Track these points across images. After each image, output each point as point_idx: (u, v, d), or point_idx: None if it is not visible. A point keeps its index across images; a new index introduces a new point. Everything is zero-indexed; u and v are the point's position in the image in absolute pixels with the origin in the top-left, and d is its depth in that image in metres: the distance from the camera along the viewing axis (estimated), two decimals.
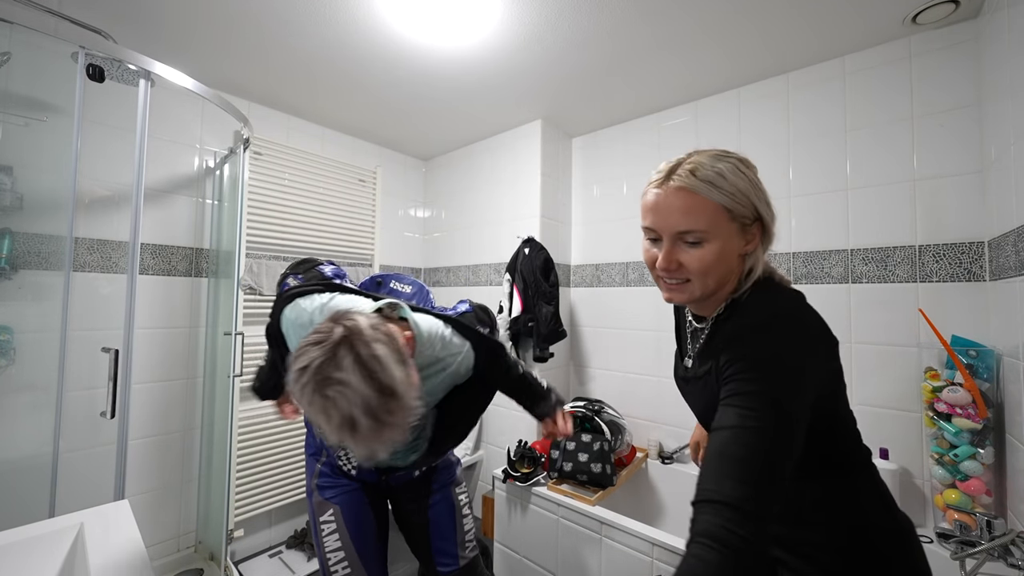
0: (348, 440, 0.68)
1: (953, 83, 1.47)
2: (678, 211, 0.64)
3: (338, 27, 1.56)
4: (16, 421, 1.46)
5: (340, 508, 1.05)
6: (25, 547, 0.76)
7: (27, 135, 1.51)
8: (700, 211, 0.63)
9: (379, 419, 0.67)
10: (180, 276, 1.92)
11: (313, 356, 0.67)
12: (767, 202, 0.68)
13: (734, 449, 0.54)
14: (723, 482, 0.52)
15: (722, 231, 0.64)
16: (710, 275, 0.66)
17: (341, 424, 0.66)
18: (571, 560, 1.63)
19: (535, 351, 2.14)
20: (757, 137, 1.89)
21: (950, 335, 1.39)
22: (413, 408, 0.72)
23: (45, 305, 1.50)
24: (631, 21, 1.51)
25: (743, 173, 0.66)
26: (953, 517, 1.30)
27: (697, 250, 0.65)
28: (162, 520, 1.86)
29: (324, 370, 0.66)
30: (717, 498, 0.52)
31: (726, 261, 0.66)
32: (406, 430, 0.72)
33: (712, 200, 0.63)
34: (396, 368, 0.70)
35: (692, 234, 0.64)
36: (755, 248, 0.67)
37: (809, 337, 0.63)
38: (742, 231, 0.66)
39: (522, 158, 2.37)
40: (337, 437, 0.67)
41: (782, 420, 0.55)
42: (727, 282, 0.69)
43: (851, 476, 0.69)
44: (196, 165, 1.99)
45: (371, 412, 0.66)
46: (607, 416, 1.94)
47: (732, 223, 0.65)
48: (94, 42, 1.32)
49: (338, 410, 0.66)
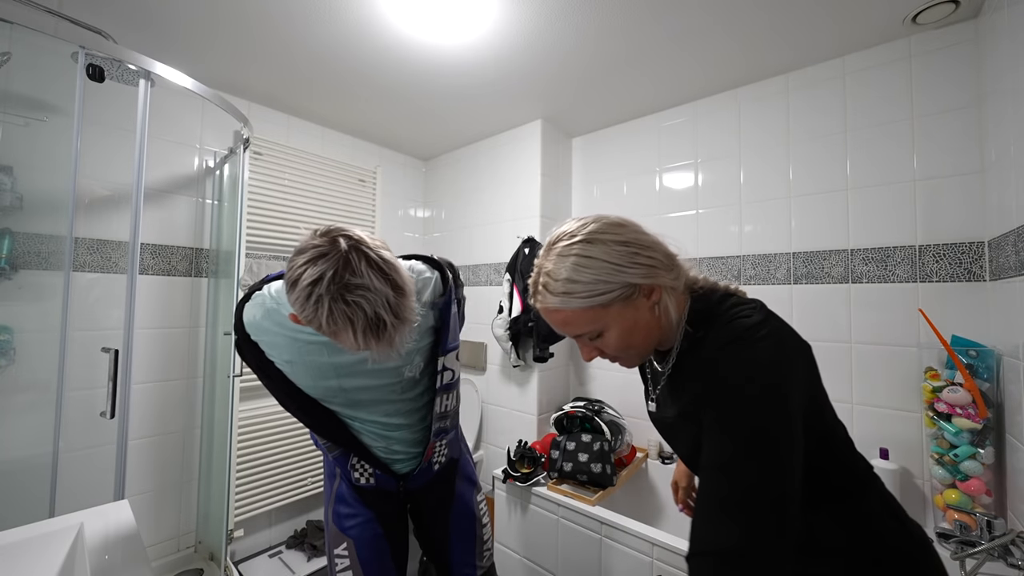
0: (372, 344, 0.69)
1: (953, 83, 1.47)
2: (559, 325, 0.65)
3: (339, 26, 1.56)
4: (16, 421, 1.46)
5: (354, 543, 1.02)
6: (25, 547, 0.76)
7: (27, 135, 1.51)
8: (574, 321, 0.63)
9: (400, 316, 0.70)
10: (180, 276, 1.92)
11: (323, 268, 0.66)
12: (634, 261, 0.61)
13: (724, 490, 0.49)
14: (716, 529, 0.47)
15: (608, 318, 0.62)
16: (632, 347, 0.65)
17: (366, 327, 0.67)
18: (571, 560, 1.63)
19: (535, 351, 2.14)
20: (757, 137, 1.89)
21: (950, 335, 1.39)
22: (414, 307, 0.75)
23: (45, 305, 1.50)
24: (631, 21, 1.51)
25: (589, 261, 0.61)
26: (953, 517, 1.30)
27: (601, 341, 0.65)
28: (162, 520, 1.86)
29: (341, 278, 0.65)
30: (711, 548, 0.47)
31: (638, 330, 0.64)
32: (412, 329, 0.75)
33: (575, 309, 0.62)
34: (401, 268, 0.73)
35: (585, 335, 0.65)
36: (660, 297, 0.63)
37: (785, 349, 0.58)
38: (629, 303, 0.62)
39: (522, 158, 2.37)
40: (362, 342, 0.68)
41: (773, 446, 0.50)
42: (663, 331, 0.66)
43: (857, 497, 0.64)
44: (196, 165, 1.99)
45: (393, 310, 0.69)
46: (607, 416, 1.94)
47: (610, 308, 0.62)
48: (94, 42, 1.32)
49: (363, 313, 0.66)
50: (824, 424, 0.63)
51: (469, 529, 1.14)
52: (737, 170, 1.94)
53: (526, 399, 2.28)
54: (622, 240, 0.62)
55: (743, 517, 0.46)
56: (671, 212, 2.13)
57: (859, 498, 0.64)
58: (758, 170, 1.88)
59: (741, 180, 1.93)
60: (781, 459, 0.50)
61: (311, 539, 2.10)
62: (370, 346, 0.69)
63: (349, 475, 1.05)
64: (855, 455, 0.67)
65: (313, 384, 0.93)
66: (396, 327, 0.70)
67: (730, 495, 0.48)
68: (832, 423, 0.65)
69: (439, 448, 1.10)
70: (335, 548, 1.04)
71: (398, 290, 0.70)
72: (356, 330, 0.67)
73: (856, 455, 0.67)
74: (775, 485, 0.48)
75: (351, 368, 0.92)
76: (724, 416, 0.54)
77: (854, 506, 0.63)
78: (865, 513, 0.63)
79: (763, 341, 0.57)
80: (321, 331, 0.69)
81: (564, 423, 1.98)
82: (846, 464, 0.65)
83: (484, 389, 2.53)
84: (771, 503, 0.47)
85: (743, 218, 1.91)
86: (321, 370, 0.91)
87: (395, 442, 1.03)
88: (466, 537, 1.13)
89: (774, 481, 0.48)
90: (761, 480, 0.48)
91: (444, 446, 1.12)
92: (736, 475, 0.49)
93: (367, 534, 1.04)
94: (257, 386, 2.06)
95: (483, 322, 2.47)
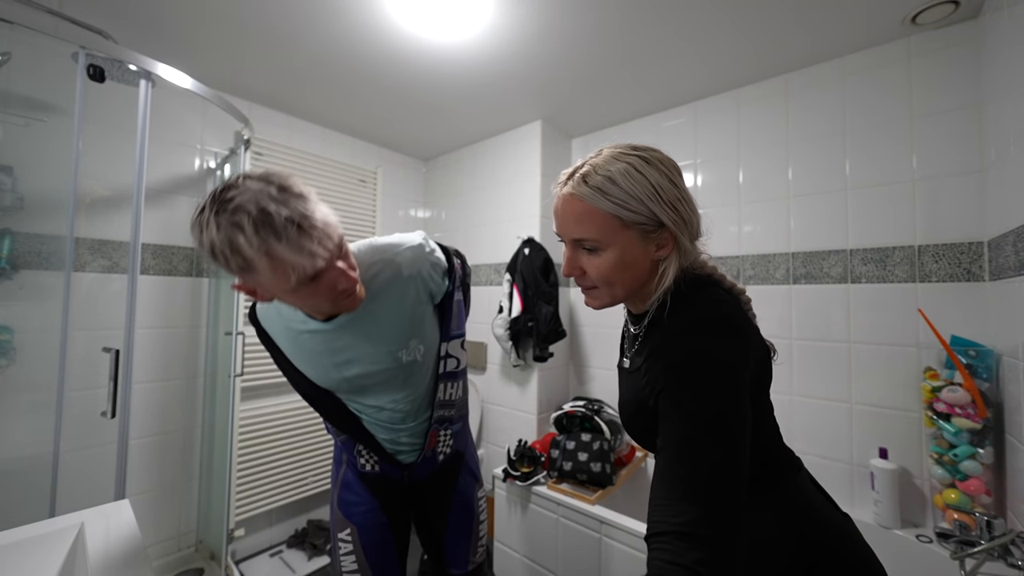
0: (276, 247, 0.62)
1: (952, 83, 1.47)
2: (571, 218, 0.63)
3: (340, 26, 1.56)
4: (16, 421, 1.46)
5: (358, 529, 1.04)
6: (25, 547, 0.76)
7: (27, 135, 1.51)
8: (589, 220, 0.61)
9: (296, 209, 0.64)
10: (181, 276, 1.92)
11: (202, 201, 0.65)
12: (675, 204, 0.61)
13: (677, 469, 0.49)
14: (670, 509, 0.47)
15: (617, 239, 0.61)
16: (615, 284, 0.64)
17: (256, 226, 0.61)
18: (571, 560, 1.64)
19: (535, 351, 2.14)
20: (756, 137, 1.89)
21: (949, 335, 1.40)
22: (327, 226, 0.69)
23: (45, 305, 1.50)
24: (631, 21, 1.51)
25: (640, 175, 0.59)
26: (953, 517, 1.30)
27: (595, 258, 0.63)
28: (162, 520, 1.86)
29: (217, 195, 0.64)
30: (664, 528, 0.46)
31: (631, 269, 0.63)
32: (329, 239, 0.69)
33: (599, 209, 0.60)
34: (298, 182, 0.68)
35: (586, 242, 0.63)
36: (669, 254, 0.62)
37: (738, 332, 0.58)
38: (643, 238, 0.61)
39: (522, 158, 2.37)
40: (260, 246, 0.62)
41: (727, 426, 0.50)
42: (644, 286, 0.65)
43: (777, 487, 0.64)
44: (197, 165, 1.99)
45: (284, 202, 0.63)
46: (607, 415, 1.94)
47: (627, 230, 0.61)
48: (94, 42, 1.32)
49: (247, 213, 0.61)
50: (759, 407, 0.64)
51: (467, 524, 1.15)
52: (736, 170, 1.94)
53: (526, 399, 2.28)
54: (674, 181, 0.62)
55: (701, 495, 0.47)
56: None
57: (778, 488, 0.64)
58: (757, 170, 1.88)
59: (740, 180, 1.93)
60: (735, 438, 0.50)
61: (312, 538, 2.10)
62: (275, 251, 0.63)
63: (355, 461, 1.06)
64: (772, 450, 0.67)
65: (316, 373, 0.94)
66: (295, 221, 0.63)
67: (686, 473, 0.48)
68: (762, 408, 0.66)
69: (444, 438, 1.09)
70: (339, 532, 1.06)
71: (285, 189, 0.65)
72: (247, 234, 0.61)
73: (781, 446, 0.68)
74: (730, 463, 0.49)
75: (345, 355, 0.90)
76: (680, 397, 0.54)
77: (776, 495, 0.64)
78: (783, 502, 0.64)
79: (724, 326, 0.57)
80: (228, 265, 0.65)
81: (564, 422, 1.99)
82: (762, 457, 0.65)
83: (484, 389, 2.53)
84: (726, 481, 0.48)
85: (742, 218, 1.91)
86: (318, 358, 0.91)
87: (403, 433, 1.03)
88: (463, 532, 1.14)
89: (729, 459, 0.49)
90: (717, 458, 0.49)
91: (449, 437, 1.11)
92: (692, 454, 0.49)
93: (371, 521, 1.05)
94: (257, 386, 2.07)
95: (483, 322, 2.47)
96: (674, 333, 0.59)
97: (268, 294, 0.74)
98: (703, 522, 0.45)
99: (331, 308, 0.82)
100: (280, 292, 0.73)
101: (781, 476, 0.65)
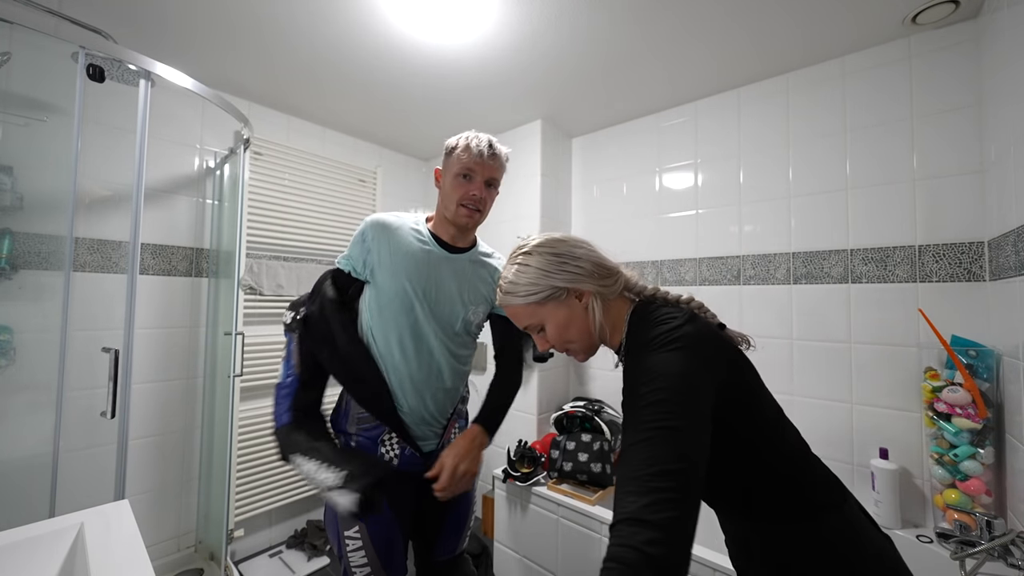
0: (485, 146, 1.04)
1: (953, 83, 1.47)
2: (512, 318, 0.82)
3: (339, 26, 1.56)
4: (16, 421, 1.46)
5: (367, 527, 1.05)
6: (25, 547, 0.76)
7: (27, 135, 1.51)
8: (518, 314, 0.80)
9: (499, 152, 1.09)
10: (180, 276, 1.92)
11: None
12: (561, 268, 0.75)
13: (627, 470, 0.54)
14: (621, 502, 0.52)
15: (545, 314, 0.77)
16: (573, 341, 0.79)
17: (486, 141, 1.06)
18: (571, 560, 1.63)
19: (535, 351, 2.14)
20: (756, 137, 1.89)
21: (950, 335, 1.39)
22: (501, 167, 1.12)
23: (45, 305, 1.50)
24: (631, 21, 1.51)
25: (526, 267, 0.77)
26: (953, 517, 1.30)
27: (545, 334, 0.80)
28: (162, 520, 1.86)
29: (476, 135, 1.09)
30: (617, 519, 0.51)
31: (573, 326, 0.77)
32: (498, 171, 1.11)
33: (518, 305, 0.78)
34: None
35: (530, 328, 0.80)
36: (588, 301, 0.76)
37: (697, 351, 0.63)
38: (560, 302, 0.76)
39: (522, 158, 2.37)
40: (482, 142, 1.05)
41: (667, 422, 0.55)
42: (599, 329, 0.77)
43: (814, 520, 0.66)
44: (196, 165, 1.99)
45: (496, 146, 1.09)
46: (607, 416, 1.94)
47: (545, 305, 0.76)
48: (94, 42, 1.32)
49: (484, 136, 1.08)
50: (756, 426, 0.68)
51: (465, 518, 1.21)
52: (737, 170, 1.94)
53: (526, 399, 2.28)
54: (554, 252, 0.77)
55: (646, 486, 0.52)
56: (671, 212, 2.13)
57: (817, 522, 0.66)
58: (758, 170, 1.88)
59: (741, 180, 1.93)
60: (675, 429, 0.56)
61: (311, 539, 2.10)
62: (483, 147, 1.03)
63: (375, 452, 1.08)
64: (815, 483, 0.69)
65: (410, 277, 1.04)
66: (500, 151, 1.08)
67: (634, 473, 0.54)
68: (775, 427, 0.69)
69: (457, 431, 1.20)
70: (346, 530, 1.06)
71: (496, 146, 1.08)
72: (481, 139, 1.04)
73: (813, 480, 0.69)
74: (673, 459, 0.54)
75: (437, 273, 1.07)
76: (627, 404, 0.64)
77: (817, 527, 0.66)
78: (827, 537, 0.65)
79: (673, 345, 0.63)
80: (468, 149, 1.04)
81: (564, 423, 1.99)
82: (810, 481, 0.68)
83: (484, 389, 2.52)
84: (670, 473, 0.52)
85: (743, 218, 1.91)
86: (420, 266, 1.05)
87: (429, 399, 1.10)
88: (460, 525, 1.20)
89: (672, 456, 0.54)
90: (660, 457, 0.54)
91: (459, 429, 1.22)
92: (639, 455, 0.55)
93: (380, 517, 1.06)
94: (257, 386, 2.06)
95: None
96: (629, 356, 0.70)
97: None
98: (649, 507, 0.50)
99: (453, 216, 1.06)
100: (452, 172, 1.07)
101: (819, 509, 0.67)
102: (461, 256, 1.12)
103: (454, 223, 1.08)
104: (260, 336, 2.09)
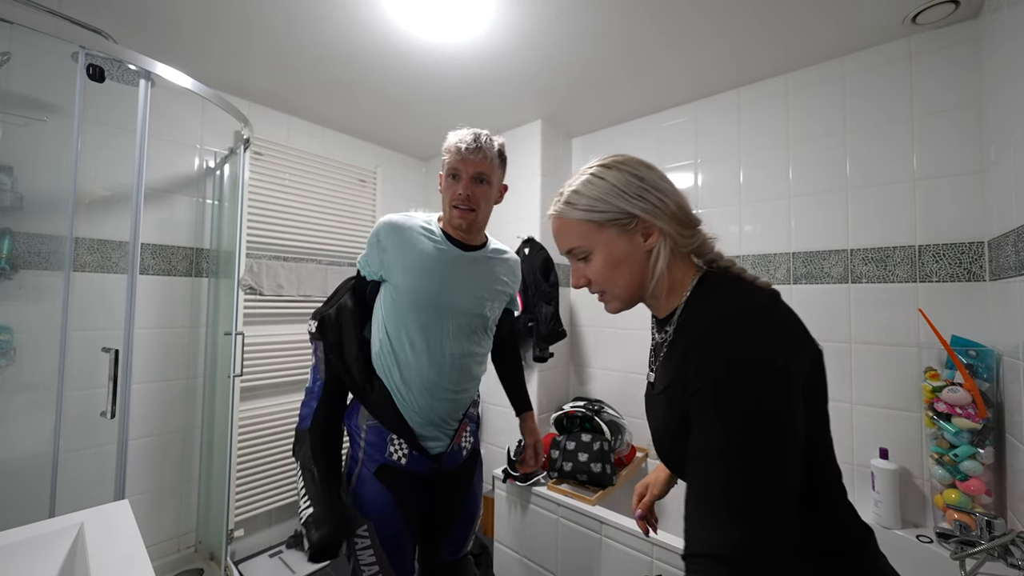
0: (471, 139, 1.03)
1: (953, 83, 1.47)
2: (557, 234, 0.70)
3: (339, 25, 1.56)
4: (16, 421, 1.46)
5: (375, 525, 1.05)
6: (25, 547, 0.76)
7: (27, 135, 1.51)
8: (568, 231, 0.67)
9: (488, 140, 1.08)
10: (180, 276, 1.92)
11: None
12: (640, 194, 0.62)
13: (713, 482, 0.45)
14: (707, 528, 0.43)
15: (599, 240, 0.65)
16: (617, 283, 0.66)
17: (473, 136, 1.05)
18: (571, 560, 1.63)
19: (535, 351, 2.14)
20: (756, 137, 1.89)
21: (950, 335, 1.39)
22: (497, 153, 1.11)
23: (45, 305, 1.50)
24: (631, 21, 1.51)
25: (599, 179, 0.65)
26: (953, 517, 1.30)
27: (589, 264, 0.67)
28: (162, 520, 1.86)
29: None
30: (701, 550, 0.43)
31: (624, 264, 0.64)
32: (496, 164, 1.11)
33: (572, 219, 0.66)
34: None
35: (575, 251, 0.68)
36: (656, 241, 0.63)
37: (781, 326, 0.54)
38: (623, 232, 0.63)
39: (522, 158, 2.37)
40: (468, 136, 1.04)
41: (767, 427, 0.45)
42: (648, 281, 0.64)
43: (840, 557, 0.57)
44: (196, 165, 1.99)
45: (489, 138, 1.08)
46: (607, 416, 1.94)
47: (604, 230, 0.64)
48: (94, 42, 1.32)
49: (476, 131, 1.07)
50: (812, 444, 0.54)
51: (472, 520, 1.22)
52: (737, 170, 1.94)
53: None
54: (637, 174, 0.64)
55: (745, 514, 0.42)
56: None
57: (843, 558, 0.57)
58: (758, 170, 1.88)
59: (741, 180, 1.93)
60: (786, 446, 0.45)
61: None
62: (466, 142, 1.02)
63: (384, 449, 1.08)
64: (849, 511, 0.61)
65: (417, 285, 1.04)
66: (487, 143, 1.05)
67: (728, 487, 0.44)
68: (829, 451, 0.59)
69: (467, 434, 1.21)
70: (355, 529, 1.07)
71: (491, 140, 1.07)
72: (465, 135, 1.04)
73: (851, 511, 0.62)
74: (778, 477, 0.44)
75: (453, 271, 1.07)
76: (719, 397, 0.48)
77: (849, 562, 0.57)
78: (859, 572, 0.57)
79: (766, 317, 0.53)
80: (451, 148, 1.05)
81: (564, 423, 1.98)
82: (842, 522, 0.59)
83: (484, 389, 2.50)
84: (775, 499, 0.43)
85: (743, 218, 1.91)
86: (431, 259, 1.06)
87: (440, 400, 1.09)
88: (467, 527, 1.21)
89: (777, 472, 0.44)
90: (762, 471, 0.44)
91: (470, 434, 1.23)
92: (735, 464, 0.44)
93: (388, 516, 1.07)
94: (256, 386, 2.06)
95: None
96: (705, 328, 0.56)
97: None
98: (747, 547, 0.41)
99: (449, 217, 1.09)
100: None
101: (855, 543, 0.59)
102: (476, 253, 1.13)
103: (451, 224, 1.10)
104: (260, 336, 2.09)
